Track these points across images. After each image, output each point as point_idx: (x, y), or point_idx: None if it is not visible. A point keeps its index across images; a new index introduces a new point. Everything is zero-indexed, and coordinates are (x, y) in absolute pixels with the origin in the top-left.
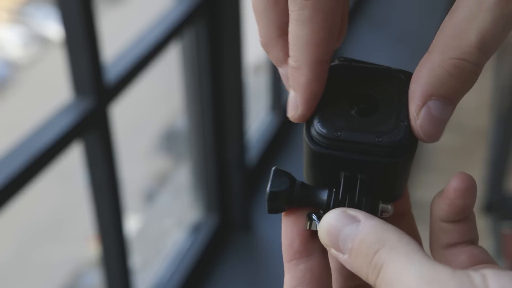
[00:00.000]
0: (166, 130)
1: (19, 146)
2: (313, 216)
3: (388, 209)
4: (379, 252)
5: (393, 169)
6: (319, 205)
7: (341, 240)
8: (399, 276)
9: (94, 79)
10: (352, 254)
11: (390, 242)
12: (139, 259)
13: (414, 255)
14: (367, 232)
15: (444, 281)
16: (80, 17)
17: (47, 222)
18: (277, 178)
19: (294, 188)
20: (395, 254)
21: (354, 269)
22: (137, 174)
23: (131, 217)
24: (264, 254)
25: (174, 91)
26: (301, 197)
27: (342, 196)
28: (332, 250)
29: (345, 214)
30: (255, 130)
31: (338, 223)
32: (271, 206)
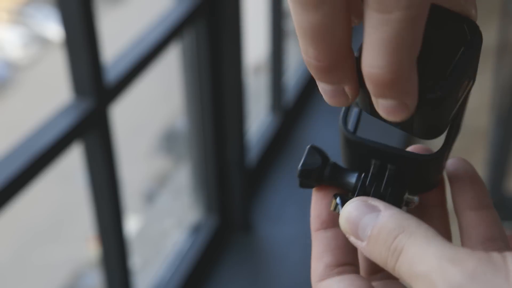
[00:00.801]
0: (166, 130)
1: (19, 147)
2: (338, 199)
3: (414, 200)
4: (399, 237)
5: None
6: (348, 187)
7: (360, 228)
8: (420, 257)
9: (94, 79)
10: (371, 241)
11: (410, 228)
12: (139, 260)
13: (433, 239)
14: (386, 220)
15: (464, 258)
16: (80, 18)
17: (47, 222)
18: (310, 156)
19: (325, 168)
20: (415, 238)
21: (372, 256)
22: (137, 175)
23: (131, 218)
24: (264, 254)
25: (174, 92)
26: (331, 177)
27: (369, 183)
28: (352, 237)
29: (366, 204)
30: (255, 131)
31: (358, 212)
32: (302, 182)
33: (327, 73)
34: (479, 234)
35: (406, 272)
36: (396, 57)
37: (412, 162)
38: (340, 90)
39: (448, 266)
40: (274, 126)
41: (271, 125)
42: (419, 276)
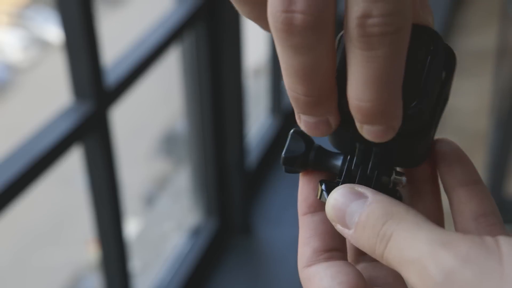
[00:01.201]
0: (166, 133)
1: (19, 150)
2: (324, 186)
3: (401, 181)
4: (388, 223)
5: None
6: (334, 170)
7: (348, 215)
8: (411, 242)
9: (94, 82)
10: (359, 228)
11: (398, 214)
12: (139, 263)
13: (423, 224)
14: (374, 206)
15: (456, 242)
16: (80, 20)
17: (47, 225)
18: (293, 141)
19: (310, 153)
20: (404, 224)
21: (359, 243)
22: (137, 178)
23: (131, 221)
24: (264, 257)
25: (174, 94)
26: (316, 161)
27: (354, 167)
28: (338, 225)
29: (352, 191)
30: (255, 133)
31: (345, 199)
32: (287, 169)
33: (315, 107)
34: (471, 209)
35: (395, 259)
36: (385, 91)
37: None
38: (325, 121)
39: (440, 250)
40: (273, 128)
41: (271, 127)
42: (410, 262)
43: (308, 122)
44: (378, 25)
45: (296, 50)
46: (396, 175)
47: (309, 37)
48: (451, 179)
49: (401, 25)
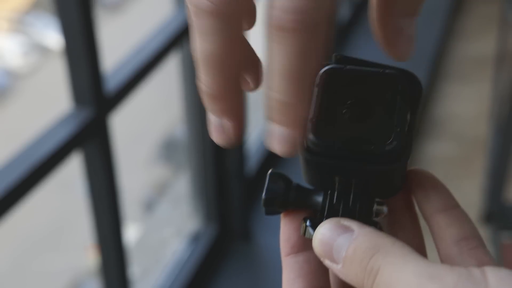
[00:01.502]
0: (166, 139)
1: (19, 156)
2: (308, 222)
3: (382, 211)
4: (375, 257)
5: (387, 174)
6: (315, 208)
7: (335, 250)
8: (398, 276)
9: (93, 88)
10: (346, 262)
11: (385, 247)
12: (138, 269)
13: (410, 256)
14: (361, 240)
15: (443, 275)
16: (80, 27)
17: (47, 231)
18: (272, 182)
19: (290, 192)
20: (391, 257)
21: (348, 278)
22: (137, 183)
23: (131, 226)
24: (264, 263)
25: (174, 100)
26: (296, 200)
27: (336, 200)
28: (326, 260)
29: (338, 225)
30: (255, 140)
31: (332, 233)
32: (268, 210)
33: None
34: (452, 234)
35: None
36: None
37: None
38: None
39: (427, 283)
40: None
41: None
42: None
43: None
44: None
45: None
46: (378, 205)
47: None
48: (428, 207)
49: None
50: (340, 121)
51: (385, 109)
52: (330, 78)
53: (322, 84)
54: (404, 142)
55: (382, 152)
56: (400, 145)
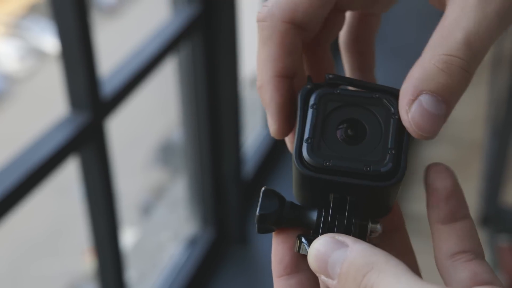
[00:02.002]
0: (163, 143)
1: (15, 160)
2: (303, 239)
3: (377, 229)
4: (368, 275)
5: (382, 192)
6: (309, 226)
7: (330, 266)
8: None
9: (90, 93)
10: (341, 279)
11: (378, 265)
12: (135, 273)
13: (402, 276)
14: (355, 256)
15: None
16: (76, 31)
17: (44, 235)
18: (266, 199)
19: (284, 209)
20: (384, 276)
21: None
22: (134, 187)
23: (127, 231)
24: (261, 267)
25: (171, 104)
26: (290, 217)
27: (331, 218)
28: (322, 276)
29: (333, 240)
30: (252, 144)
31: (326, 249)
32: (261, 228)
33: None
34: (449, 248)
35: None
36: None
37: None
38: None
39: None
40: (270, 138)
41: (267, 138)
42: None
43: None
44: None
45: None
46: (372, 223)
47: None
48: (434, 215)
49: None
50: (335, 143)
51: (380, 131)
52: (325, 100)
53: (317, 106)
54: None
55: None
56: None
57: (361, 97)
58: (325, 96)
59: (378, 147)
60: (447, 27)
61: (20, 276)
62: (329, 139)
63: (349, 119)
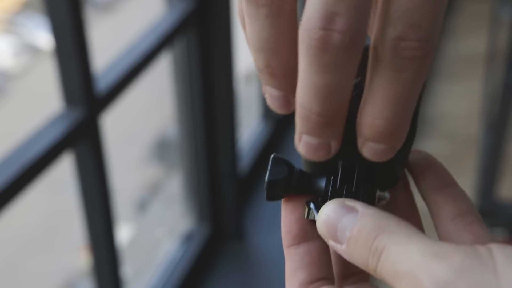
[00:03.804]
0: (158, 139)
1: (10, 156)
2: (311, 205)
3: (385, 197)
4: (379, 237)
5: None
6: (318, 193)
7: (339, 230)
8: (403, 254)
9: (84, 89)
10: (351, 243)
11: (390, 227)
12: (131, 269)
13: (415, 236)
14: (366, 220)
15: (449, 253)
16: (70, 27)
17: (39, 232)
18: (275, 166)
19: (293, 176)
20: (396, 237)
21: (352, 258)
22: (129, 183)
23: (123, 227)
24: (257, 263)
25: (166, 100)
26: (299, 185)
27: (340, 185)
28: (331, 241)
29: (343, 205)
30: (247, 139)
31: (336, 214)
32: (270, 194)
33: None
34: (447, 211)
35: (389, 272)
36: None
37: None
38: (327, 145)
39: (433, 261)
40: (265, 134)
41: (263, 133)
42: (403, 275)
43: (310, 144)
44: (411, 49)
45: (325, 68)
46: (380, 190)
47: (342, 57)
48: (425, 186)
49: (429, 52)
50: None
51: None
52: None
53: None
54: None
55: None
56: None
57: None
58: None
59: None
60: None
61: (16, 273)
62: None
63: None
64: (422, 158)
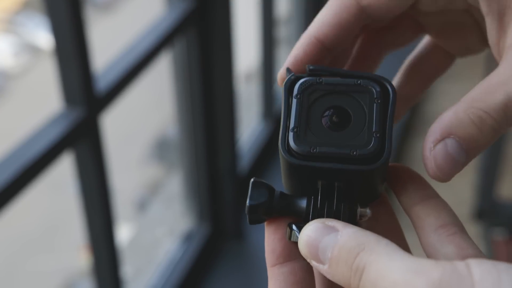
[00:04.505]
0: (158, 138)
1: (10, 156)
2: (293, 226)
3: (366, 213)
4: (360, 255)
5: (369, 175)
6: (299, 214)
7: (320, 251)
8: (384, 273)
9: (84, 88)
10: (333, 262)
11: (369, 245)
12: (131, 269)
13: (394, 253)
14: (345, 239)
15: (428, 269)
16: (70, 26)
17: (39, 231)
18: (255, 190)
19: (273, 199)
20: (376, 255)
21: (335, 278)
22: (129, 183)
23: (123, 226)
24: (257, 262)
25: (166, 100)
26: (280, 207)
27: (320, 204)
28: (313, 261)
29: (323, 225)
30: (247, 139)
31: (317, 234)
32: (252, 218)
33: None
34: (430, 223)
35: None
36: None
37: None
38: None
39: (412, 277)
40: (265, 133)
41: (263, 132)
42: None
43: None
44: None
45: None
46: (361, 207)
47: None
48: (407, 199)
49: None
50: (321, 130)
51: (364, 116)
52: (309, 90)
53: (301, 96)
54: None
55: (364, 155)
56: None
57: (344, 85)
58: (309, 85)
59: (363, 132)
60: (493, 85)
61: (16, 272)
62: (314, 127)
63: (334, 106)
64: (402, 172)
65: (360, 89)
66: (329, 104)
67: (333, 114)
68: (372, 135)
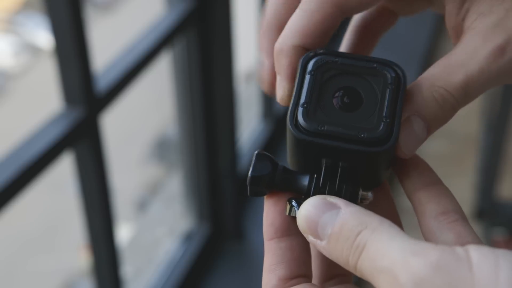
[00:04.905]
0: (158, 138)
1: (9, 156)
2: (293, 202)
3: (368, 196)
4: (362, 233)
5: (374, 158)
6: (300, 190)
7: (320, 226)
8: (383, 251)
9: (84, 88)
10: (332, 239)
11: (372, 224)
12: (131, 268)
13: (396, 234)
14: (348, 217)
15: (427, 251)
16: (71, 26)
17: (39, 231)
18: (259, 162)
19: (276, 173)
20: (378, 234)
21: (332, 255)
22: (129, 183)
23: (123, 226)
24: (257, 262)
25: (166, 100)
26: (282, 181)
27: (322, 183)
28: (310, 237)
29: (325, 201)
30: (247, 138)
31: (317, 210)
32: (253, 190)
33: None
34: (431, 209)
35: (368, 269)
36: None
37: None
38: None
39: (411, 258)
40: (265, 133)
41: (263, 132)
42: (382, 271)
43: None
44: None
45: None
46: (363, 190)
47: None
48: (410, 184)
49: None
50: (331, 109)
51: (375, 100)
52: (323, 67)
53: (315, 72)
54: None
55: (371, 139)
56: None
57: (360, 67)
58: (324, 63)
59: (373, 116)
60: (452, 65)
61: (16, 272)
62: (325, 106)
63: (346, 87)
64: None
65: (375, 72)
66: (342, 84)
67: (345, 94)
68: (382, 119)
